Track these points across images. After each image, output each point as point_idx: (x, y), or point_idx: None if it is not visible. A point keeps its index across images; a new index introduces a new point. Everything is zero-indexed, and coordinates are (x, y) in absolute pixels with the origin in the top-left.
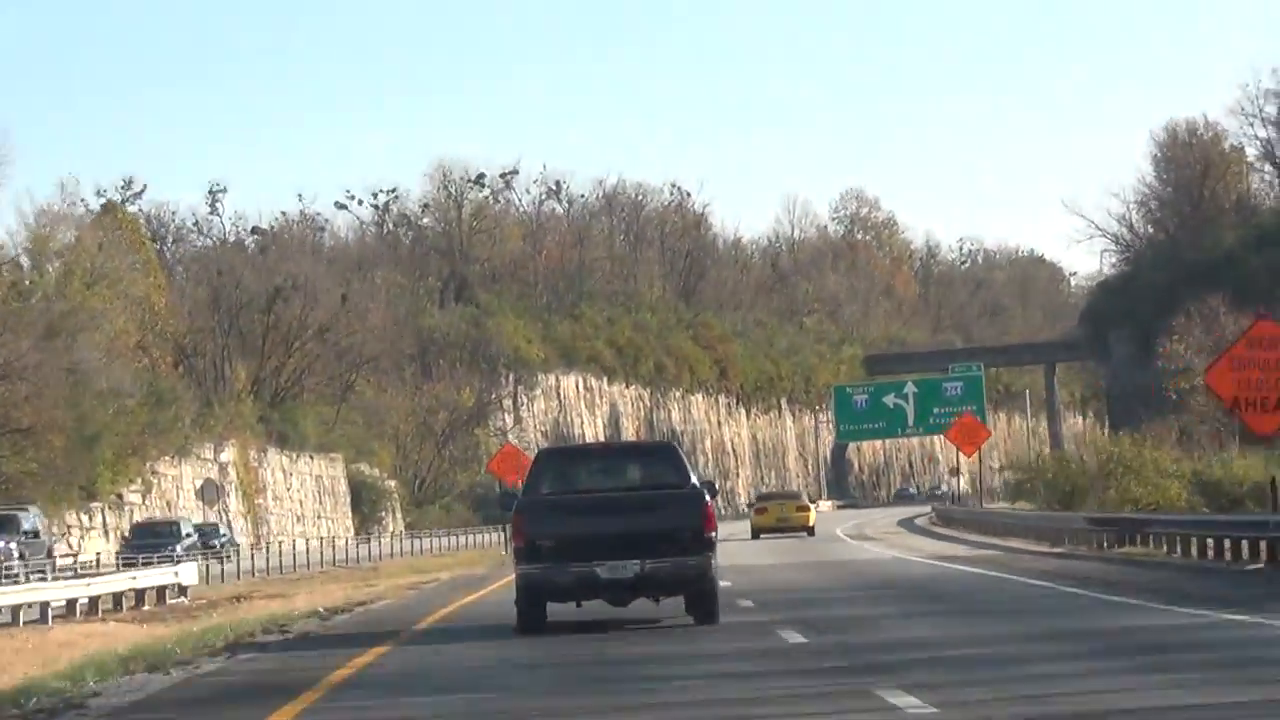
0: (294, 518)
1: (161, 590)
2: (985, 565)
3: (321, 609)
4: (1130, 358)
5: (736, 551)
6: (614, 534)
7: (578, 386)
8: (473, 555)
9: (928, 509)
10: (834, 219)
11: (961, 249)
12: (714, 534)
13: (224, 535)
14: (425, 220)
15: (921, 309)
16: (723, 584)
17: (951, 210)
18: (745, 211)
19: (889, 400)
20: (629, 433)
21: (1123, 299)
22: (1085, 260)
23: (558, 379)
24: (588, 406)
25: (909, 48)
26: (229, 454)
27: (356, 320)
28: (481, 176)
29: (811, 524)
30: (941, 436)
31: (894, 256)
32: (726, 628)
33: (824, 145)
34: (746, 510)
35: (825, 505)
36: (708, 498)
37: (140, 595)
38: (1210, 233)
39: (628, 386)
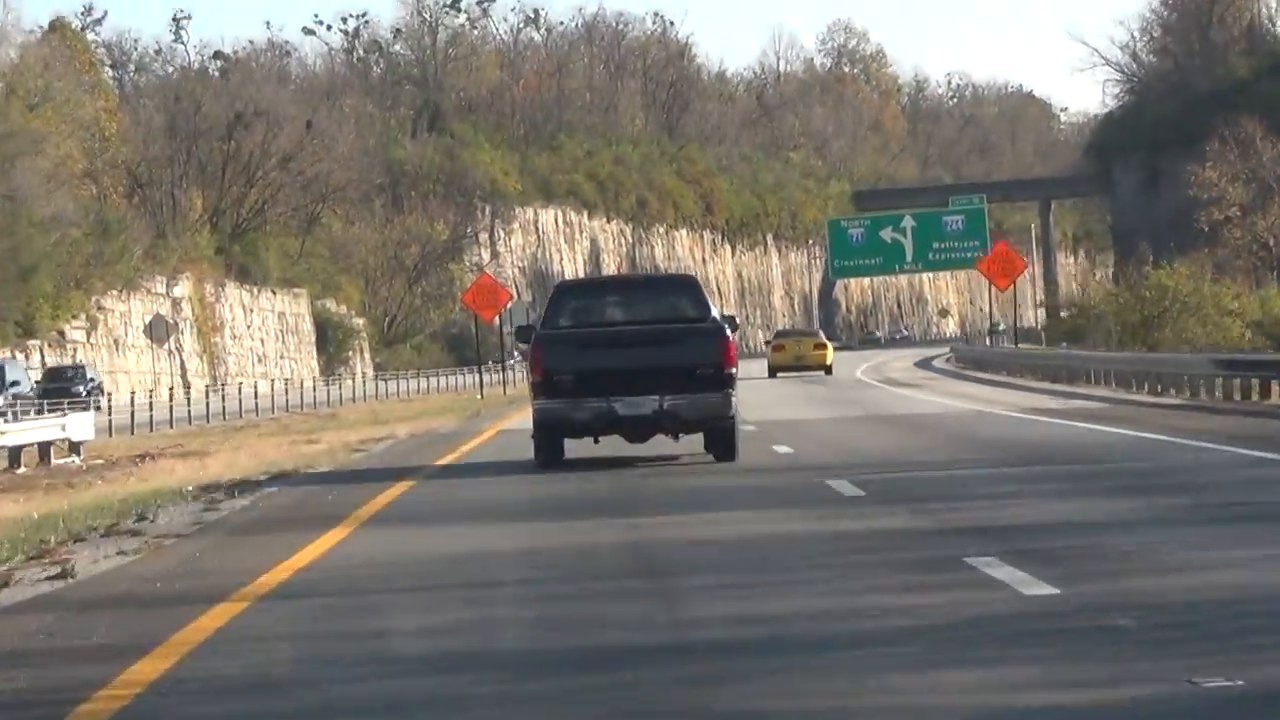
0: (254, 358)
1: (46, 448)
2: (1104, 421)
3: (225, 481)
4: (1137, 190)
5: (756, 397)
6: (632, 369)
7: (557, 221)
8: (444, 401)
9: (931, 352)
10: (821, 51)
11: (950, 83)
12: (734, 370)
13: (92, 380)
14: (397, 47)
15: (910, 145)
16: (783, 450)
17: (941, 43)
18: (730, 43)
19: (886, 235)
20: (609, 268)
21: (1129, 130)
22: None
23: (536, 213)
24: (567, 242)
25: None
26: (183, 288)
27: (322, 149)
28: (457, 1)
29: (829, 363)
30: (931, 275)
31: (882, 90)
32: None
33: None
34: (745, 349)
35: None
36: (728, 332)
37: (15, 455)
38: (1222, 60)
39: (609, 221)
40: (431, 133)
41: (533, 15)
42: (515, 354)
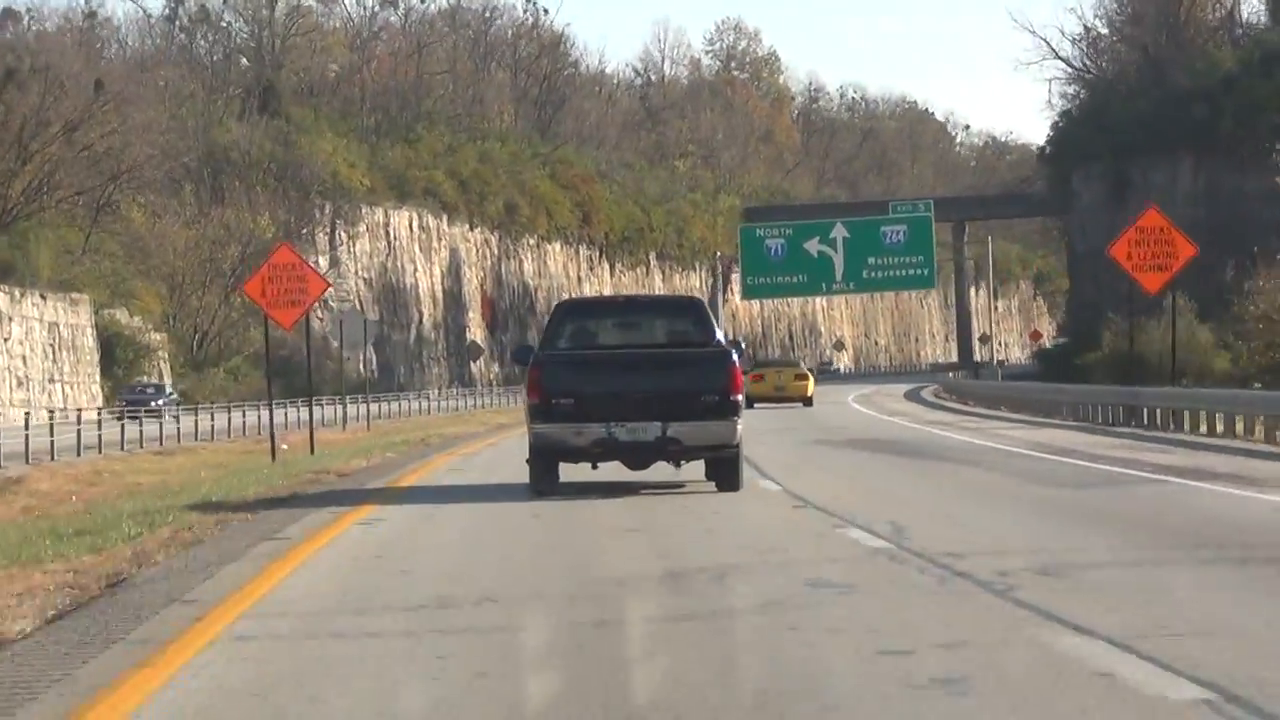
0: (13, 380)
1: None
2: None
3: None
4: (1102, 202)
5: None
6: (635, 393)
7: (411, 225)
8: (242, 452)
9: (871, 388)
10: (708, 52)
11: (843, 95)
12: (741, 396)
13: None
14: (228, 19)
15: (804, 159)
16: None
17: (836, 50)
18: (611, 37)
19: (811, 247)
20: (472, 285)
21: (1092, 133)
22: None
23: (386, 214)
24: (423, 250)
25: None
26: None
27: (117, 117)
28: None
29: (810, 394)
30: (825, 303)
31: (774, 98)
32: None
33: None
34: None
35: None
36: (735, 357)
37: None
38: (1200, 52)
39: (472, 228)
40: (264, 115)
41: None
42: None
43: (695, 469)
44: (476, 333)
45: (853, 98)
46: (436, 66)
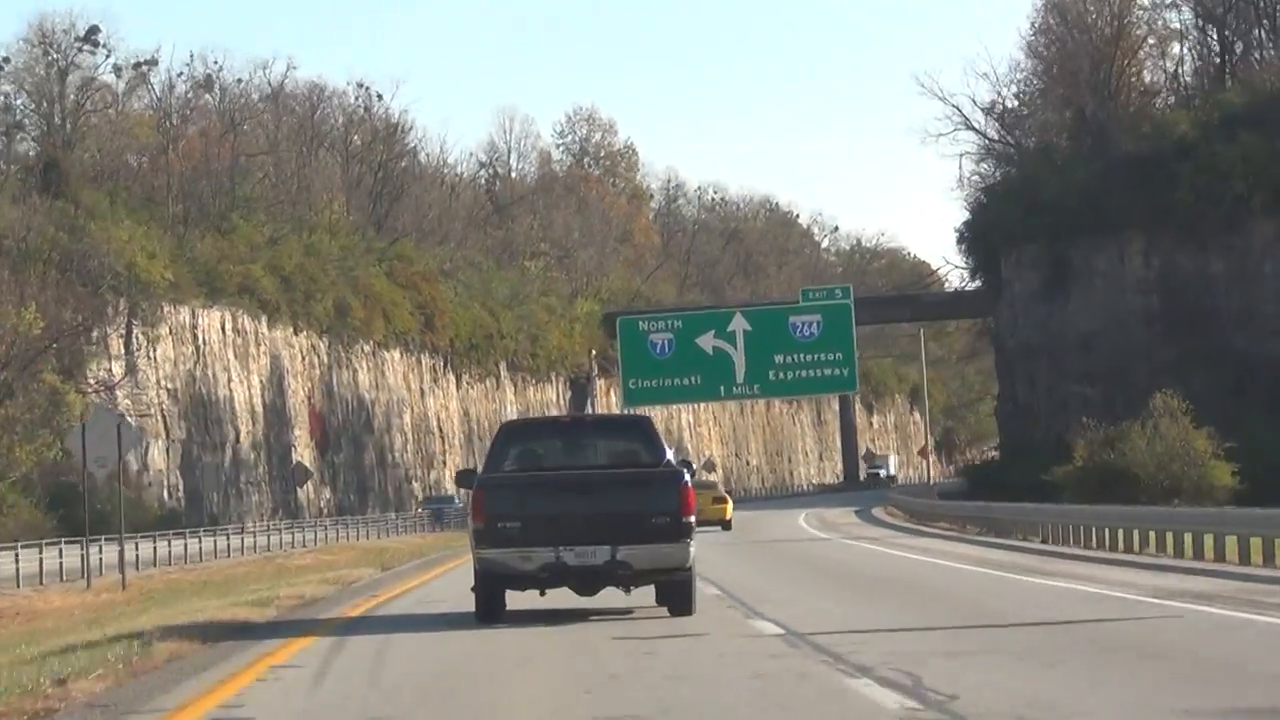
0: None
1: None
2: None
3: None
4: (1037, 292)
5: None
6: (583, 516)
7: (224, 327)
8: None
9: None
10: (559, 145)
11: (702, 197)
12: (692, 519)
13: None
14: (7, 88)
15: (665, 261)
16: None
17: (697, 144)
18: (453, 122)
19: (705, 343)
20: (298, 397)
21: (1022, 211)
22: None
23: (194, 314)
24: (238, 356)
25: None
26: None
27: None
28: (94, 32)
29: (729, 518)
30: (691, 414)
31: (633, 196)
32: None
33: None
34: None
35: None
36: (687, 478)
37: None
38: (1145, 116)
39: (297, 332)
40: (48, 197)
41: (204, 80)
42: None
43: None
44: (304, 453)
45: (712, 198)
46: (256, 146)
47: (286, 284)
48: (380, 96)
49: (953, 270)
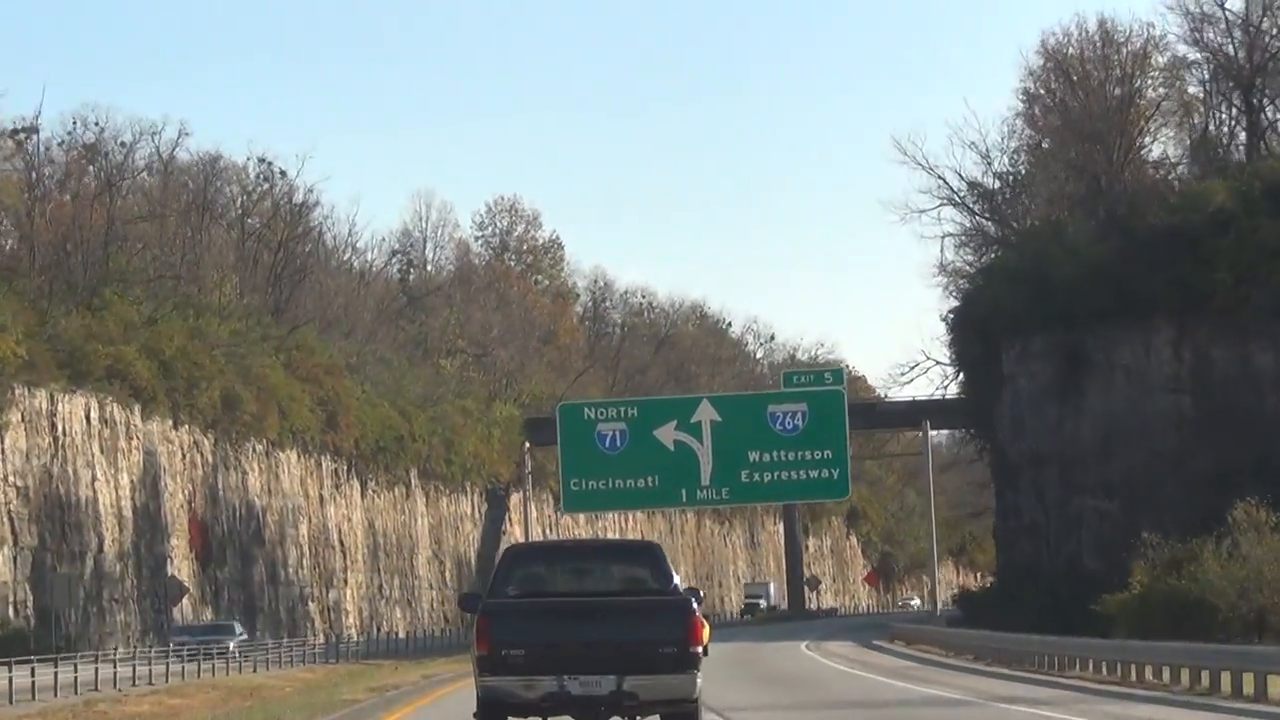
0: None
1: None
2: None
3: None
4: (1048, 391)
5: None
6: (589, 644)
7: (89, 416)
8: None
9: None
10: (478, 237)
11: (629, 300)
12: (700, 649)
13: None
14: None
15: (592, 366)
16: None
17: (625, 243)
18: (366, 205)
19: (665, 436)
20: (175, 501)
21: (1029, 295)
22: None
23: (53, 400)
24: (105, 451)
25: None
26: None
27: None
28: None
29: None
30: (618, 521)
31: (557, 294)
32: None
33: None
34: (358, 641)
35: None
36: (695, 606)
37: None
38: (1169, 188)
39: (176, 426)
40: None
41: (84, 148)
42: None
43: None
44: (181, 566)
45: (640, 301)
46: (135, 210)
47: (166, 370)
48: (284, 173)
49: (930, 368)
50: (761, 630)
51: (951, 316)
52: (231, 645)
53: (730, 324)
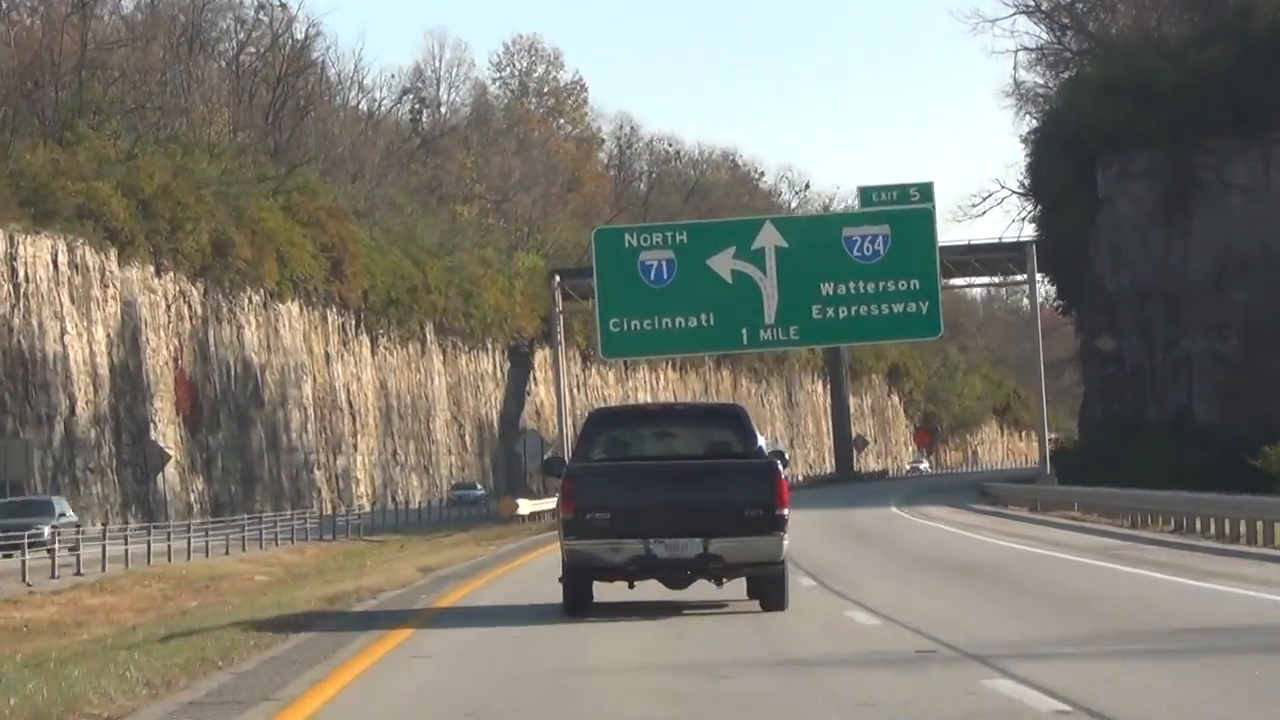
0: None
1: None
2: None
3: None
4: (1153, 211)
5: None
6: (674, 507)
7: (57, 260)
8: None
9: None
10: (496, 79)
11: (654, 149)
12: (786, 511)
13: None
14: None
15: (618, 215)
16: None
17: (654, 87)
18: (371, 38)
19: (721, 265)
20: (158, 356)
21: (1130, 108)
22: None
23: (14, 242)
24: (77, 301)
25: None
26: None
27: None
28: None
29: None
30: (647, 372)
31: (581, 139)
32: None
33: None
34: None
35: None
36: (780, 467)
37: None
38: None
39: (159, 274)
40: None
41: None
42: None
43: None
44: (167, 432)
45: (667, 150)
46: (112, 34)
47: (146, 210)
48: (284, 5)
49: (1006, 199)
50: (818, 494)
51: (1034, 137)
52: (46, 532)
53: (763, 173)
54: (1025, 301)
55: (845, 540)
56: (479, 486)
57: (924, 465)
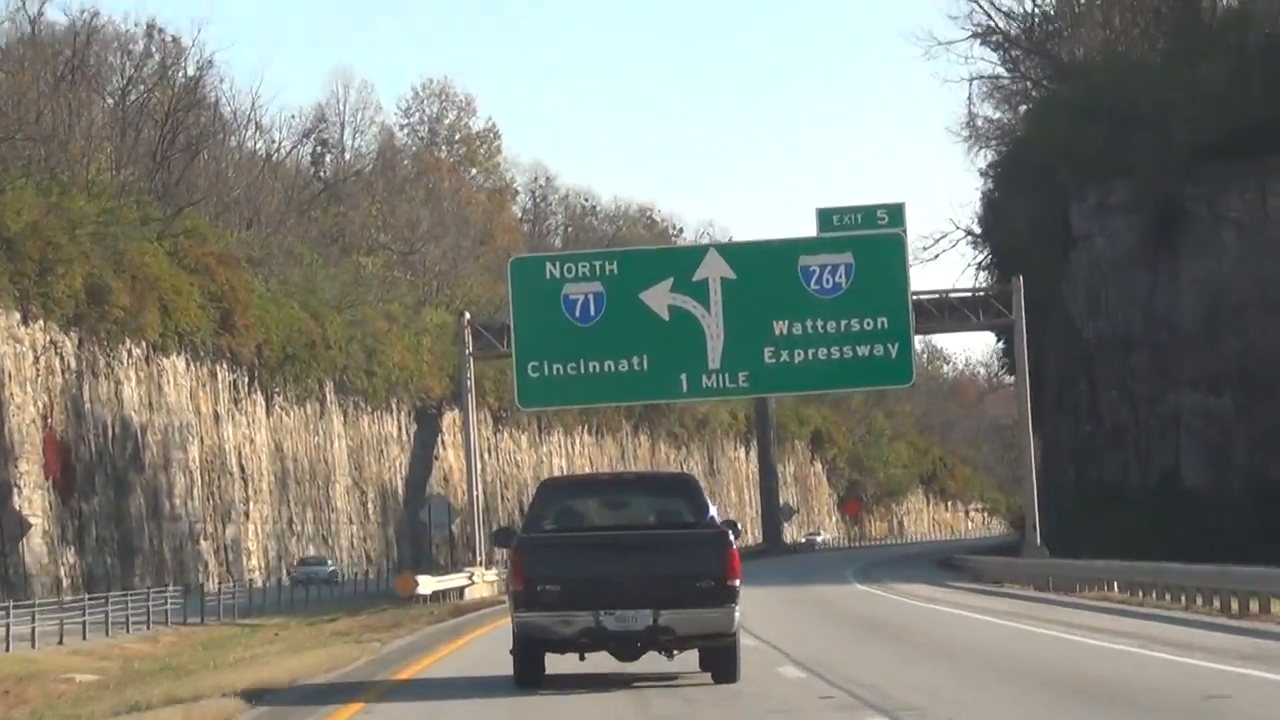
0: None
1: None
2: None
3: None
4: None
5: None
6: (625, 579)
7: None
8: None
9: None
10: (404, 123)
11: (569, 205)
12: (738, 581)
13: None
14: None
15: None
16: None
17: (568, 136)
18: (272, 79)
19: (657, 300)
20: (24, 413)
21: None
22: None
23: None
24: None
25: None
26: None
27: None
28: None
29: None
30: (560, 437)
31: (495, 189)
32: None
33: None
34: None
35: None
36: (731, 538)
37: None
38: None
39: (26, 322)
40: None
41: None
42: None
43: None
44: (33, 497)
45: (584, 205)
46: None
47: (11, 250)
48: (175, 40)
49: (961, 240)
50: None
51: (994, 171)
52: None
53: (682, 230)
54: (946, 368)
55: (850, 630)
56: (329, 563)
57: (821, 537)
